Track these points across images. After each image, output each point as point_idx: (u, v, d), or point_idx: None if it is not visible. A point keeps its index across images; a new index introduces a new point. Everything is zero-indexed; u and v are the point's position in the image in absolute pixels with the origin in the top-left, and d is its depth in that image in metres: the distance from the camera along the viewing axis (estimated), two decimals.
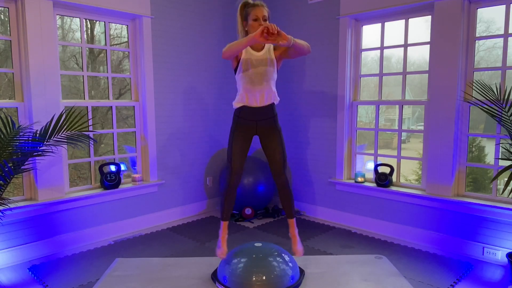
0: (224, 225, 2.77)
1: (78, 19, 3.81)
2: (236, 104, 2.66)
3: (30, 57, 3.20)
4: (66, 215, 3.51)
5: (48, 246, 3.39)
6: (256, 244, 2.77)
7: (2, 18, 5.32)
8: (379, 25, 3.87)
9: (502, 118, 2.81)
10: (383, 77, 3.96)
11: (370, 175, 4.07)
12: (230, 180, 2.65)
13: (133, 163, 4.34)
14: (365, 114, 7.44)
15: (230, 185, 2.66)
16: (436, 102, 3.44)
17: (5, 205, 2.66)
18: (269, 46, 2.59)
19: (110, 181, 3.76)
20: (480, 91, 2.91)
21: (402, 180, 3.91)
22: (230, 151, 2.66)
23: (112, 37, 6.19)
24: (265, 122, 2.64)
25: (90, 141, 2.96)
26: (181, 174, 4.39)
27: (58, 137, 2.80)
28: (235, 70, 2.61)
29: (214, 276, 2.77)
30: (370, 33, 4.02)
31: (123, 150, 5.73)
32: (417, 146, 6.85)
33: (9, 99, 3.35)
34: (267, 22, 2.46)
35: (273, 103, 2.66)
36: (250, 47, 2.53)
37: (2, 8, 3.37)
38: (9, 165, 2.49)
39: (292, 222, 2.80)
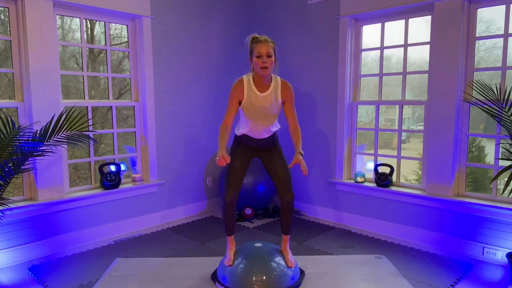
0: (230, 239, 2.77)
1: (78, 19, 3.81)
2: (238, 132, 2.70)
3: (30, 57, 3.20)
4: (66, 215, 3.50)
5: (48, 246, 3.39)
6: (256, 244, 2.77)
7: (2, 18, 5.32)
8: (379, 25, 3.87)
9: (502, 118, 2.81)
10: (383, 77, 3.96)
11: (370, 175, 4.06)
12: (228, 197, 2.61)
13: (133, 163, 4.34)
14: (365, 114, 7.44)
15: (228, 202, 2.62)
16: (436, 102, 3.44)
17: (5, 205, 2.66)
18: (277, 84, 2.54)
19: (110, 181, 3.75)
20: (480, 91, 2.91)
21: (402, 180, 3.91)
22: (228, 168, 2.66)
23: (112, 37, 6.19)
24: (266, 147, 2.70)
25: (90, 141, 2.96)
26: (181, 174, 4.39)
27: (58, 137, 2.80)
28: (239, 103, 2.58)
29: (214, 276, 2.77)
30: (370, 33, 4.02)
31: (123, 150, 5.73)
32: (417, 146, 6.85)
33: (9, 99, 3.35)
34: (272, 58, 2.41)
35: (274, 132, 2.70)
36: (254, 83, 2.51)
37: (2, 8, 3.37)
38: (9, 165, 2.49)
39: (287, 238, 2.80)
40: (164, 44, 4.11)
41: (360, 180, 4.02)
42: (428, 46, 3.53)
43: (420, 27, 3.74)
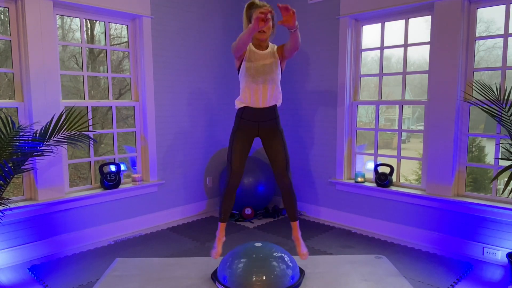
0: (221, 226, 2.75)
1: (78, 19, 3.81)
2: (239, 104, 2.62)
3: (30, 57, 3.20)
4: (66, 215, 3.51)
5: (48, 246, 3.39)
6: (256, 244, 2.77)
7: (2, 18, 5.32)
8: (379, 25, 3.87)
9: (502, 118, 2.81)
10: (383, 77, 3.96)
11: (370, 175, 4.06)
12: (229, 180, 2.61)
13: (133, 163, 4.34)
14: (365, 114, 7.44)
15: (230, 186, 2.61)
16: (436, 102, 3.44)
17: (5, 205, 2.66)
18: (273, 46, 2.61)
19: (110, 181, 3.76)
20: (480, 91, 2.91)
21: (402, 180, 3.91)
22: (230, 150, 2.63)
23: (112, 37, 6.19)
24: (267, 124, 2.62)
25: (90, 141, 2.96)
26: (181, 174, 4.39)
27: (58, 137, 2.80)
28: (238, 70, 2.60)
29: (214, 276, 2.77)
30: (370, 33, 4.02)
31: (123, 150, 5.73)
32: (417, 146, 6.84)
33: (9, 99, 3.35)
34: (269, 23, 2.46)
35: (275, 105, 2.64)
36: (253, 46, 2.55)
37: (2, 8, 3.37)
38: (9, 165, 2.49)
39: (296, 224, 2.76)
40: (164, 44, 4.11)
41: (360, 180, 4.02)
42: (428, 46, 3.53)
43: (420, 27, 3.74)
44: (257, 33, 2.47)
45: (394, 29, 3.83)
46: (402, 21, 3.72)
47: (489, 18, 4.64)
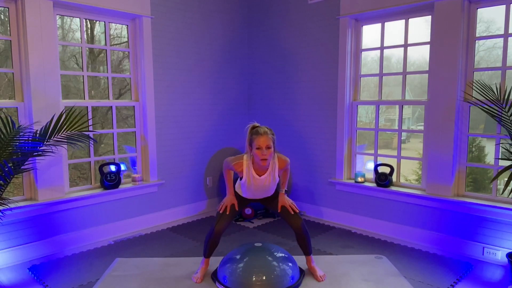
0: (205, 260, 2.84)
1: (78, 19, 3.81)
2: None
3: (30, 57, 3.20)
4: (66, 215, 3.51)
5: (48, 246, 3.39)
6: (256, 244, 2.78)
7: (2, 18, 5.32)
8: (379, 25, 3.87)
9: (502, 118, 2.81)
10: (383, 77, 3.96)
11: (370, 175, 4.06)
12: (218, 226, 2.68)
13: (133, 163, 4.34)
14: (365, 114, 7.43)
15: (217, 231, 2.69)
16: (436, 102, 3.44)
17: (5, 205, 2.66)
18: (273, 167, 2.62)
19: (110, 181, 3.75)
20: (480, 91, 2.91)
21: (402, 180, 3.91)
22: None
23: (112, 37, 6.19)
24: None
25: (90, 141, 2.96)
26: (181, 174, 4.39)
27: (58, 137, 2.80)
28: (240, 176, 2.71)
29: (214, 276, 2.78)
30: (370, 33, 4.02)
31: (123, 150, 5.73)
32: (417, 146, 6.84)
33: (9, 99, 3.35)
34: (271, 149, 2.50)
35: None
36: (253, 169, 2.60)
37: (2, 8, 3.37)
38: (9, 165, 2.48)
39: (310, 257, 2.85)
40: (164, 44, 4.11)
41: (360, 180, 4.02)
42: (428, 46, 3.53)
43: (420, 27, 3.74)
44: (259, 160, 2.51)
45: (394, 29, 3.83)
46: (402, 21, 3.72)
47: (489, 18, 4.64)
